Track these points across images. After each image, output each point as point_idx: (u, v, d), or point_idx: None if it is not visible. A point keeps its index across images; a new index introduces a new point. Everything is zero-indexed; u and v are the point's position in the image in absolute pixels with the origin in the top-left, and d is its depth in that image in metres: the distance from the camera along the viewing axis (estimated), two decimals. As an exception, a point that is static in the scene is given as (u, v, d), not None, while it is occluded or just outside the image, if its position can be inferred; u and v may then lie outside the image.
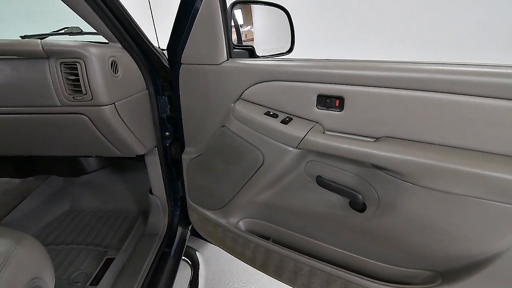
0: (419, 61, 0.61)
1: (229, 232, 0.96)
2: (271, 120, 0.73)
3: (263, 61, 0.78)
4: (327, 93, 0.67)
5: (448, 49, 2.36)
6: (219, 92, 0.83)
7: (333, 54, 2.60)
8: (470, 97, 0.54)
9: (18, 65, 0.71)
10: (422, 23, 2.39)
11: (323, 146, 0.66)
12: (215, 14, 0.75)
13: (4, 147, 0.95)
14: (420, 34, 2.40)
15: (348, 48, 2.48)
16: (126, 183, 1.48)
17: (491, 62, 0.57)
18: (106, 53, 0.73)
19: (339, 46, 2.50)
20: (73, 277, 1.02)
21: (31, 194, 1.40)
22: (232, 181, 0.89)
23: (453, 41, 2.36)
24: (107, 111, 0.76)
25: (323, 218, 0.80)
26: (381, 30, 2.50)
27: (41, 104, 0.74)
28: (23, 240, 0.63)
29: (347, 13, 2.48)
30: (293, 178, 0.79)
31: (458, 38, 2.34)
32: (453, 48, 2.37)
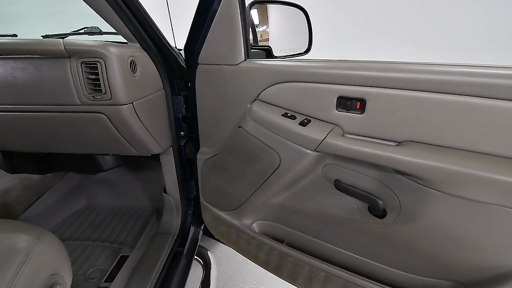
0: (446, 63, 0.59)
1: (242, 233, 0.95)
2: (288, 122, 0.72)
3: (281, 61, 0.76)
4: (348, 95, 0.66)
5: (470, 51, 2.29)
6: (236, 92, 0.82)
7: (344, 54, 2.56)
8: (503, 102, 0.51)
9: (41, 64, 0.72)
10: (438, 24, 2.33)
11: (343, 149, 0.65)
12: (233, 14, 0.75)
13: (25, 144, 0.97)
14: (435, 34, 2.34)
15: (360, 48, 2.44)
16: (141, 181, 1.50)
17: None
18: (126, 53, 0.74)
19: (351, 46, 2.46)
20: (89, 273, 1.04)
21: (50, 190, 1.43)
22: (247, 183, 0.88)
23: (473, 42, 2.29)
24: (125, 110, 0.76)
25: (340, 222, 0.78)
26: (391, 30, 2.45)
27: (62, 102, 0.75)
28: (43, 236, 0.64)
29: (360, 13, 2.44)
30: (309, 181, 0.77)
31: (476, 39, 2.27)
32: (474, 49, 2.29)
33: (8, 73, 0.73)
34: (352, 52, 2.45)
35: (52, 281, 0.63)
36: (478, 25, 2.22)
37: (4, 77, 0.74)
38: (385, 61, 0.66)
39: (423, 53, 2.33)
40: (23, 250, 0.59)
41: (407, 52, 2.35)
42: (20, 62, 0.73)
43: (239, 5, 0.74)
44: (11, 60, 0.73)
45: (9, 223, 0.69)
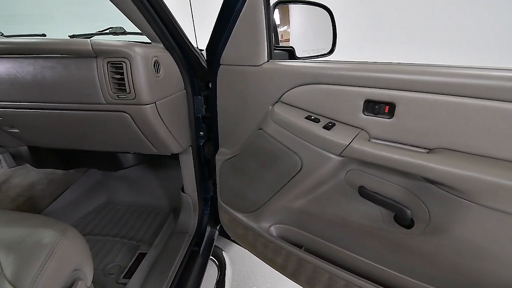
0: (484, 66, 0.55)
1: (260, 236, 0.94)
2: (312, 125, 0.70)
3: (305, 63, 0.74)
4: (376, 99, 0.63)
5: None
6: (258, 94, 0.81)
7: (367, 56, 2.49)
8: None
9: (69, 63, 0.74)
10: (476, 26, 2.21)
11: (369, 155, 0.62)
12: (258, 14, 0.74)
13: (52, 140, 1.01)
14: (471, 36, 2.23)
15: (384, 50, 2.36)
16: (159, 179, 1.52)
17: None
18: (150, 53, 0.74)
19: (376, 47, 2.39)
20: (108, 269, 1.06)
21: (73, 185, 1.48)
22: (266, 185, 0.87)
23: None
24: (148, 110, 0.77)
25: (363, 230, 0.75)
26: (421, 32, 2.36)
27: (88, 101, 0.77)
28: (67, 232, 0.65)
29: (386, 13, 2.36)
30: (331, 187, 0.75)
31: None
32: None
33: (38, 71, 0.76)
34: (376, 54, 2.38)
35: (74, 277, 0.64)
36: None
37: (34, 76, 0.76)
38: (417, 64, 0.62)
39: (455, 56, 2.22)
40: (48, 245, 0.60)
41: (437, 54, 2.25)
42: (49, 61, 0.75)
43: (263, 5, 0.73)
44: (41, 59, 0.75)
45: (35, 218, 0.71)
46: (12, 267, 0.55)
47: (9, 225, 0.66)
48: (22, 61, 0.76)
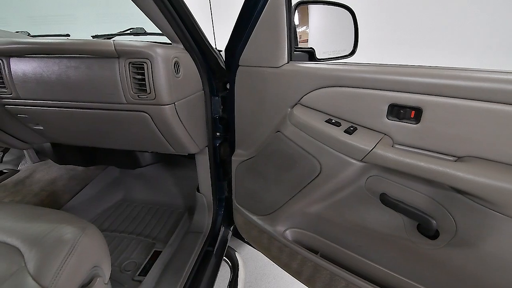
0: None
1: (275, 240, 0.93)
2: (333, 129, 0.68)
3: (327, 65, 0.73)
4: (402, 103, 0.60)
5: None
6: (276, 95, 0.80)
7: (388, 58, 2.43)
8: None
9: (92, 63, 0.75)
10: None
11: (393, 161, 0.60)
12: (279, 15, 0.72)
13: (74, 137, 1.03)
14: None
15: (407, 52, 2.29)
16: (175, 178, 1.54)
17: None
18: (170, 54, 0.75)
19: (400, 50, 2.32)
20: (124, 265, 1.08)
21: (92, 181, 1.52)
22: (283, 189, 0.85)
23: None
24: (167, 110, 0.77)
25: (383, 239, 0.72)
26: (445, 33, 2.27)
27: (110, 101, 0.78)
28: (87, 229, 0.67)
29: (410, 13, 2.29)
30: (351, 193, 0.73)
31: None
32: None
33: (63, 71, 0.78)
34: (399, 57, 2.31)
35: (93, 273, 0.65)
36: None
37: (59, 75, 0.78)
38: (445, 67, 0.60)
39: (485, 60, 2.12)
40: (69, 241, 0.61)
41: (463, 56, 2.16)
42: (73, 61, 0.77)
43: (285, 6, 0.72)
44: (65, 59, 0.77)
45: (57, 214, 0.73)
46: (35, 262, 0.57)
47: (32, 220, 0.68)
48: (48, 61, 0.78)
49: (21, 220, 0.68)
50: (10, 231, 0.64)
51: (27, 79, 0.82)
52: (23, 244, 0.61)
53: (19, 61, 0.81)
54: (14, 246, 0.61)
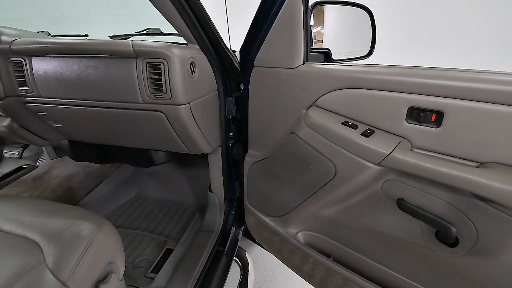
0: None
1: (286, 242, 0.92)
2: (349, 131, 0.67)
3: (344, 66, 0.71)
4: (422, 106, 0.59)
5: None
6: (291, 97, 0.79)
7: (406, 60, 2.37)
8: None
9: (111, 63, 0.77)
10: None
11: (412, 166, 0.58)
12: (296, 15, 0.72)
13: (91, 135, 1.06)
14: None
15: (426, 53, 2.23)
16: (187, 177, 1.55)
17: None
18: (187, 54, 0.75)
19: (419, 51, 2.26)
20: (137, 262, 1.09)
21: (107, 179, 1.55)
22: (296, 191, 0.85)
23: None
24: (182, 110, 0.78)
25: (399, 245, 0.71)
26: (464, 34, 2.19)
27: (127, 100, 0.80)
28: (103, 226, 0.68)
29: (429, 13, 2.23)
30: (366, 197, 0.72)
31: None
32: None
33: (82, 70, 0.80)
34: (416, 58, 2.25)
35: (108, 269, 0.66)
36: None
37: (79, 74, 0.80)
38: (468, 70, 0.57)
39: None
40: (86, 237, 0.62)
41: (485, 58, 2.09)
42: (92, 60, 0.78)
43: (302, 6, 0.71)
44: (85, 58, 0.79)
45: (74, 210, 0.75)
46: (53, 257, 0.58)
47: (51, 215, 0.70)
48: (68, 60, 0.80)
49: (40, 215, 0.70)
50: (30, 226, 0.66)
51: (48, 78, 0.84)
52: (42, 239, 0.63)
53: (41, 60, 0.84)
54: (33, 240, 0.63)
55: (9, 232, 0.66)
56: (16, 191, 1.40)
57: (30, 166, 1.64)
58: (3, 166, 1.75)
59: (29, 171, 1.57)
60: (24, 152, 1.73)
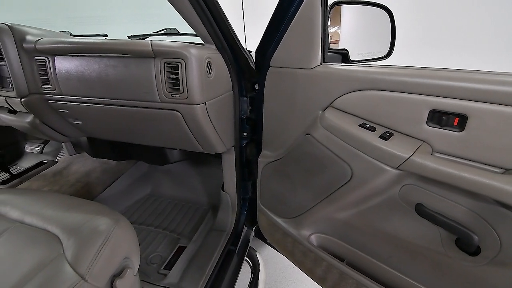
0: None
1: (299, 244, 0.92)
2: (367, 134, 0.65)
3: (362, 67, 0.70)
4: (444, 109, 0.57)
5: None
6: (307, 97, 0.78)
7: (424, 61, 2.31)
8: None
9: (130, 62, 0.78)
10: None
11: (433, 170, 0.56)
12: (314, 15, 0.71)
13: (109, 133, 1.08)
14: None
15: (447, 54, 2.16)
16: (201, 176, 1.57)
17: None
18: (204, 54, 0.76)
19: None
20: (150, 258, 1.11)
21: (123, 175, 1.59)
22: (310, 192, 0.84)
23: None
24: (198, 110, 0.78)
25: (416, 251, 0.69)
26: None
27: (144, 99, 0.81)
28: (120, 221, 0.69)
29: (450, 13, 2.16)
30: (383, 201, 0.70)
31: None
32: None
33: (102, 69, 0.81)
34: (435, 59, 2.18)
35: (124, 264, 0.67)
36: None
37: (99, 73, 0.82)
38: (494, 72, 0.55)
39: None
40: (104, 232, 0.64)
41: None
42: (112, 60, 0.80)
43: (321, 6, 0.70)
44: (105, 58, 0.81)
45: (92, 205, 0.77)
46: (72, 250, 0.60)
47: (70, 210, 0.72)
48: (89, 60, 0.82)
49: (60, 209, 0.72)
50: (51, 219, 0.68)
51: (69, 76, 0.87)
52: (62, 232, 0.65)
53: (63, 59, 0.86)
54: (53, 233, 0.65)
55: (31, 225, 0.68)
56: (37, 185, 1.46)
57: (50, 161, 1.70)
58: (25, 160, 1.82)
59: (49, 166, 1.63)
60: (44, 147, 1.80)
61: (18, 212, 0.71)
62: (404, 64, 0.68)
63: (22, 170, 1.61)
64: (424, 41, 2.27)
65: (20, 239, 0.64)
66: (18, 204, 0.74)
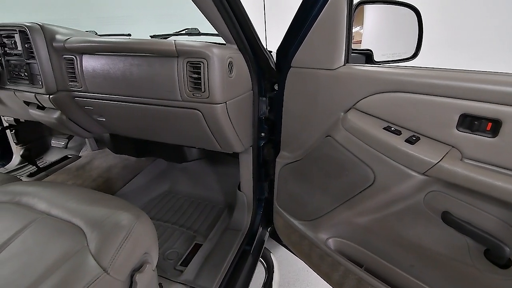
0: None
1: (316, 247, 0.90)
2: (392, 137, 0.63)
3: (388, 68, 0.68)
4: (476, 113, 0.54)
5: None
6: (329, 99, 0.77)
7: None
8: None
9: (154, 62, 0.80)
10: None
11: (462, 177, 0.54)
12: (339, 15, 0.69)
13: (130, 130, 1.11)
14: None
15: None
16: (217, 175, 1.58)
17: None
18: (226, 54, 0.76)
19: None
20: (167, 254, 1.13)
21: (142, 171, 1.63)
22: (329, 195, 0.82)
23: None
24: (219, 109, 0.79)
25: (441, 261, 0.66)
26: None
27: (166, 97, 0.82)
28: (141, 217, 0.71)
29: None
30: (406, 207, 0.67)
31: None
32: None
33: (127, 68, 0.84)
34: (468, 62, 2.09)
35: (143, 259, 0.69)
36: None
37: (123, 72, 0.84)
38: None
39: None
40: (125, 227, 0.65)
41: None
42: (137, 59, 0.82)
43: (347, 6, 0.69)
44: (130, 57, 0.83)
45: (114, 200, 0.79)
46: (96, 243, 0.62)
47: (93, 204, 0.74)
48: (115, 58, 0.85)
49: (84, 203, 0.74)
50: (75, 212, 0.71)
51: (96, 74, 0.90)
52: (86, 225, 0.67)
53: (90, 58, 0.89)
54: (78, 226, 0.68)
55: (57, 217, 0.71)
56: (62, 178, 1.52)
57: (74, 156, 1.77)
58: (50, 154, 1.90)
59: (73, 161, 1.69)
60: (69, 142, 1.87)
61: (45, 204, 0.74)
62: (427, 65, 0.66)
63: (48, 164, 1.68)
64: (452, 41, 2.18)
65: (47, 230, 0.67)
66: (45, 197, 0.77)
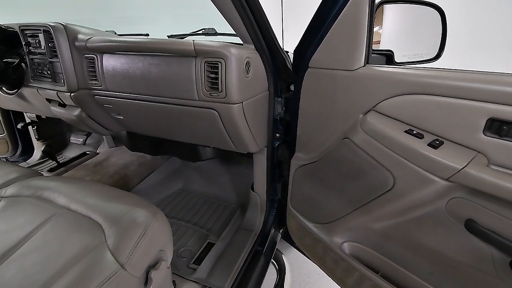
0: None
1: (330, 251, 0.89)
2: (414, 141, 0.61)
3: (411, 70, 0.66)
4: (505, 118, 0.52)
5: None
6: (348, 100, 0.75)
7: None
8: None
9: (172, 61, 0.81)
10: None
11: (490, 184, 0.51)
12: (361, 15, 0.68)
13: (147, 128, 1.13)
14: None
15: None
16: (230, 175, 1.59)
17: None
18: (243, 54, 0.76)
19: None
20: (181, 251, 1.14)
21: (157, 169, 1.65)
22: (346, 199, 0.81)
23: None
24: (235, 109, 0.79)
25: (463, 271, 0.63)
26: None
27: (184, 97, 0.83)
28: (157, 214, 0.71)
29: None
30: (427, 213, 0.65)
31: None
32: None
33: (146, 67, 0.85)
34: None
35: (159, 256, 0.69)
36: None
37: (142, 71, 0.86)
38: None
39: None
40: (142, 224, 0.66)
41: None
42: (155, 58, 0.83)
43: (368, 5, 0.67)
44: (149, 56, 0.84)
45: (131, 197, 0.80)
46: (114, 239, 0.63)
47: (111, 200, 0.75)
48: (134, 58, 0.86)
49: (102, 199, 0.76)
50: (94, 208, 0.72)
51: (115, 73, 0.91)
52: (104, 221, 0.68)
53: (110, 57, 0.91)
54: (96, 221, 0.69)
55: (76, 212, 0.73)
56: (80, 174, 1.57)
57: (92, 152, 1.82)
58: (69, 150, 1.96)
59: (91, 157, 1.74)
60: (87, 139, 1.92)
61: (65, 199, 0.76)
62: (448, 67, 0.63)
63: (67, 160, 1.73)
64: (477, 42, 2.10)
65: (67, 224, 0.69)
66: (65, 192, 0.79)
